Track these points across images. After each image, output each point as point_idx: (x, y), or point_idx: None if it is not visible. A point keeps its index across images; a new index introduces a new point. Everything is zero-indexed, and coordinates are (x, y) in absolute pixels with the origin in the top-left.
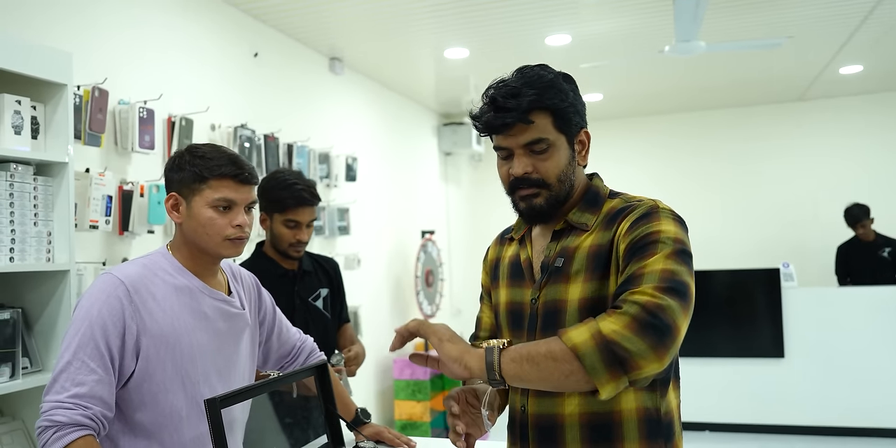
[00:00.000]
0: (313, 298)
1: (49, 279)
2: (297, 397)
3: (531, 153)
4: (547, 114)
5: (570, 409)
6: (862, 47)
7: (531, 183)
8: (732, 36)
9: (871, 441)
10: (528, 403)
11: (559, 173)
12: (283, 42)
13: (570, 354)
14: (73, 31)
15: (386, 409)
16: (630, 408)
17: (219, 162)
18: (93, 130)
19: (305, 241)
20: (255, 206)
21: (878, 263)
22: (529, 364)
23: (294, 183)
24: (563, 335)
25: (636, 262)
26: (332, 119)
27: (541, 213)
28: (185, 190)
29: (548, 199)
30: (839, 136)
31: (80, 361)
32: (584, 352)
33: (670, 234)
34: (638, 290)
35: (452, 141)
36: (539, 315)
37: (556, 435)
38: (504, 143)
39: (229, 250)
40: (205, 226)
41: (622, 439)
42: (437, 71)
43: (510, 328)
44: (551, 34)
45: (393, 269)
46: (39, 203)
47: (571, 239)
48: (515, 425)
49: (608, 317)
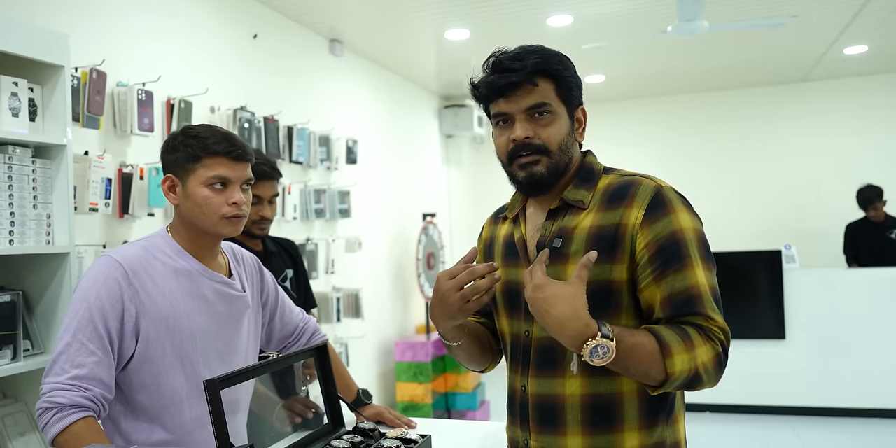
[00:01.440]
0: (281, 280)
1: (49, 262)
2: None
3: (533, 118)
4: (550, 80)
5: (571, 390)
6: (867, 27)
7: (532, 148)
8: (735, 15)
9: (872, 422)
10: (529, 384)
11: (560, 141)
12: (283, 23)
13: (663, 375)
14: (71, 13)
15: (388, 391)
16: (631, 389)
17: (212, 140)
18: (91, 113)
19: (269, 218)
20: (251, 183)
21: (886, 244)
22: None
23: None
24: (668, 358)
25: (679, 272)
26: (333, 101)
27: (541, 182)
28: (181, 171)
29: (548, 167)
30: (843, 117)
31: (80, 343)
32: (676, 379)
33: (692, 230)
34: (715, 320)
35: (454, 123)
36: None
37: (557, 415)
38: (505, 107)
39: (227, 228)
40: (201, 205)
41: (622, 420)
42: (437, 52)
43: (507, 308)
44: (553, 14)
45: (394, 252)
46: (38, 186)
47: (569, 218)
48: (515, 405)
49: (704, 344)
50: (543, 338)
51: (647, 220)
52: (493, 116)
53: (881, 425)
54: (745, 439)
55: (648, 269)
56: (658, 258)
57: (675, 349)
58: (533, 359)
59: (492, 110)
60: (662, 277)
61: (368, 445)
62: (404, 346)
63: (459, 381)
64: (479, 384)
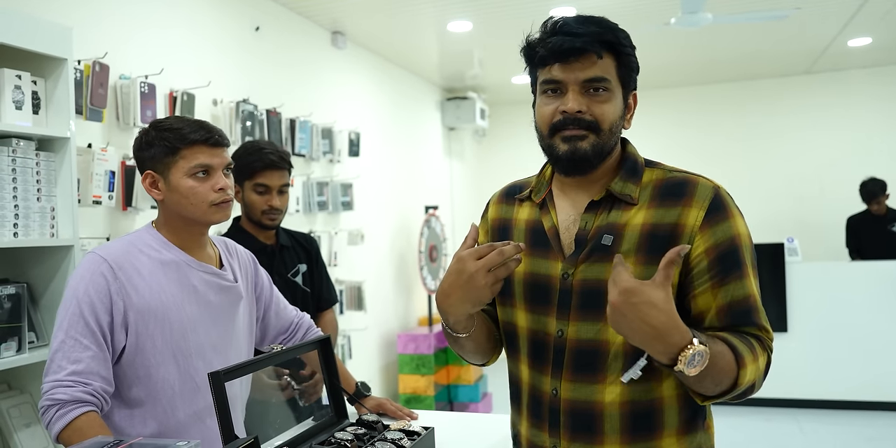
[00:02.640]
0: (292, 274)
1: (53, 254)
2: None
3: (588, 93)
4: (612, 56)
5: (611, 398)
6: (871, 19)
7: (582, 124)
8: (739, 7)
9: (875, 414)
10: (562, 388)
11: (613, 122)
12: (285, 16)
13: (730, 385)
14: (74, 5)
15: (390, 383)
16: (672, 395)
17: (188, 130)
18: (94, 105)
19: (279, 208)
20: (231, 168)
21: (888, 237)
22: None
23: (262, 148)
24: (742, 369)
25: (735, 281)
26: (335, 94)
27: (583, 160)
28: (160, 166)
29: (594, 146)
30: (846, 109)
31: (73, 339)
32: (736, 390)
33: (747, 236)
34: (769, 332)
35: (456, 115)
36: (575, 293)
37: (595, 423)
38: (560, 75)
39: (217, 215)
40: (187, 196)
41: (662, 427)
42: (440, 44)
43: (528, 302)
44: (556, 6)
45: (396, 245)
46: (42, 178)
47: (616, 213)
48: (542, 409)
49: (762, 355)
50: (584, 340)
51: (708, 223)
52: (541, 83)
53: (884, 418)
54: (747, 431)
55: (707, 275)
56: (718, 265)
57: (747, 360)
58: (568, 361)
59: (541, 76)
60: (721, 285)
61: (372, 437)
62: (407, 338)
63: (462, 374)
64: (482, 376)
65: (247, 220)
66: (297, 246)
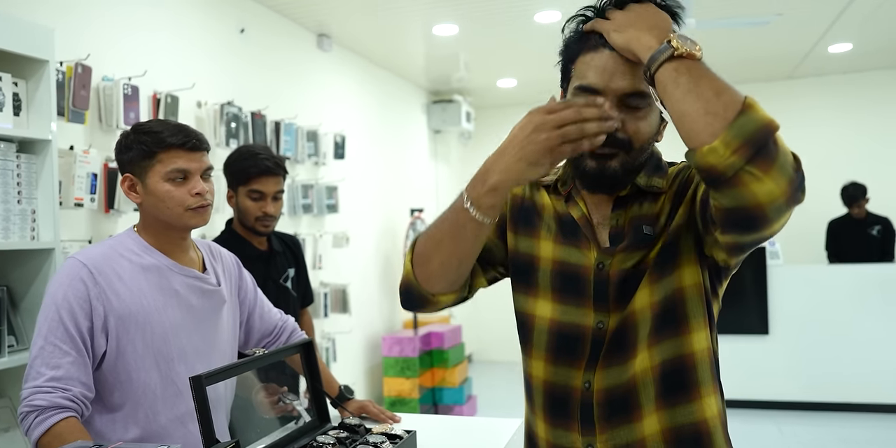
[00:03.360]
0: (283, 279)
1: (34, 257)
2: (281, 375)
3: (626, 107)
4: None
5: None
6: (852, 25)
7: (614, 142)
8: (723, 13)
9: (853, 415)
10: (596, 379)
11: (646, 139)
12: (270, 18)
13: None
14: (55, 6)
15: (374, 386)
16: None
17: (165, 134)
18: (76, 107)
19: (273, 215)
20: (211, 172)
21: (867, 241)
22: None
23: (258, 154)
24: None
25: None
26: (321, 96)
27: (612, 179)
28: (138, 169)
29: (623, 165)
30: (828, 114)
31: (52, 345)
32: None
33: None
34: None
35: (442, 118)
36: (612, 285)
37: (630, 399)
38: (600, 83)
39: (194, 219)
40: (164, 200)
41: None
42: (426, 48)
43: (557, 290)
44: (541, 11)
45: (382, 247)
46: (23, 181)
47: (650, 205)
48: (571, 407)
49: None
50: (619, 328)
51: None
52: (575, 88)
53: (861, 419)
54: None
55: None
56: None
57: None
58: (606, 352)
59: (575, 78)
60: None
61: (354, 441)
62: (392, 341)
63: (446, 376)
64: (467, 379)
65: (240, 226)
66: (287, 250)
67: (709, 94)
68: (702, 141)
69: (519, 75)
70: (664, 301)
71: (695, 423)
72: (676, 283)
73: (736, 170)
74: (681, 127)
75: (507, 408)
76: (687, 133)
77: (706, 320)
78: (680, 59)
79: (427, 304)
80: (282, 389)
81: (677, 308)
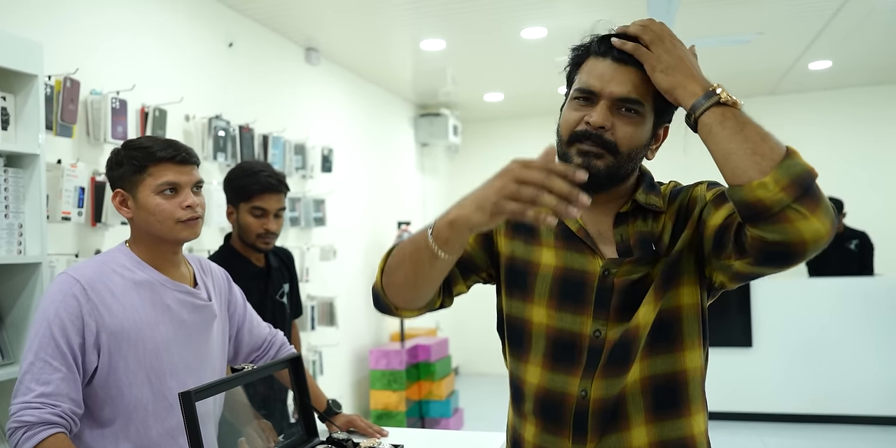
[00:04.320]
0: (279, 295)
1: (20, 272)
2: (269, 390)
3: (618, 111)
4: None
5: (632, 377)
6: (831, 43)
7: (601, 141)
8: (704, 31)
9: (837, 427)
10: (593, 387)
11: (633, 147)
12: (259, 32)
13: (781, 151)
14: (44, 21)
15: (361, 398)
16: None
17: (154, 148)
18: (64, 121)
19: (274, 232)
20: (202, 185)
21: (845, 255)
22: (734, 126)
23: (260, 170)
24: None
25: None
26: (308, 110)
27: (595, 177)
28: (128, 184)
29: (609, 167)
30: (809, 129)
31: (43, 361)
32: (796, 161)
33: None
34: None
35: (429, 132)
36: (616, 292)
37: (619, 409)
38: (598, 85)
39: (185, 232)
40: (154, 213)
41: (688, 401)
42: (413, 62)
43: (555, 296)
44: (527, 27)
45: (369, 260)
46: (10, 195)
47: (652, 223)
48: (565, 414)
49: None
50: (619, 338)
51: (710, 187)
52: (574, 89)
53: (844, 431)
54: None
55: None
56: (719, 196)
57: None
58: (604, 361)
59: (578, 80)
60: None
61: None
62: (378, 353)
63: (433, 389)
64: (453, 392)
65: (239, 242)
66: (282, 265)
67: (755, 137)
68: (750, 177)
69: (505, 89)
70: (663, 317)
71: (682, 439)
72: (676, 301)
73: (783, 206)
74: (726, 164)
75: (494, 421)
76: (732, 170)
77: (700, 339)
78: (725, 106)
79: (391, 313)
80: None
81: (674, 325)
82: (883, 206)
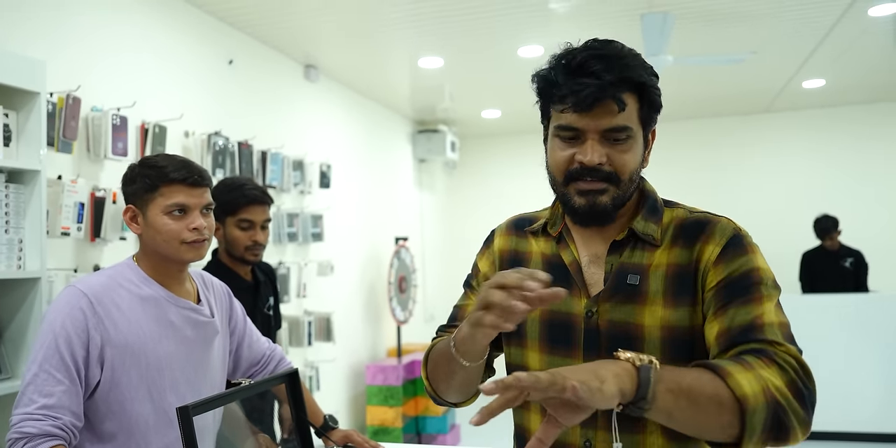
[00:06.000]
0: (267, 308)
1: (20, 286)
2: (266, 405)
3: (609, 141)
4: (635, 96)
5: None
6: (824, 62)
7: (601, 175)
8: (698, 50)
9: (831, 444)
10: (597, 439)
11: (633, 170)
12: (258, 49)
13: (736, 405)
14: (47, 39)
15: (358, 414)
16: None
17: (168, 168)
18: (66, 138)
19: (262, 243)
20: (212, 208)
21: (840, 273)
22: (687, 401)
23: (244, 184)
24: (729, 378)
25: (743, 305)
26: (307, 126)
27: (603, 214)
28: (139, 201)
29: (614, 198)
30: (804, 147)
31: (47, 373)
32: (754, 408)
33: (769, 274)
34: (781, 344)
35: (427, 148)
36: (602, 334)
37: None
38: (578, 123)
39: (190, 254)
40: (161, 233)
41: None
42: (411, 79)
43: (546, 341)
44: (524, 45)
45: (366, 276)
46: (11, 210)
47: (640, 253)
48: None
49: (766, 367)
50: None
51: (723, 257)
52: (556, 127)
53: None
54: None
55: (713, 303)
56: (725, 291)
57: (732, 369)
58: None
59: (555, 118)
60: (725, 310)
61: None
62: (375, 369)
63: (430, 405)
64: (450, 408)
65: (227, 256)
66: (267, 279)
67: (711, 407)
68: (726, 441)
69: (503, 106)
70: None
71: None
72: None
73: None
74: (700, 436)
75: (491, 436)
76: (709, 440)
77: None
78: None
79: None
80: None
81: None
82: (880, 223)
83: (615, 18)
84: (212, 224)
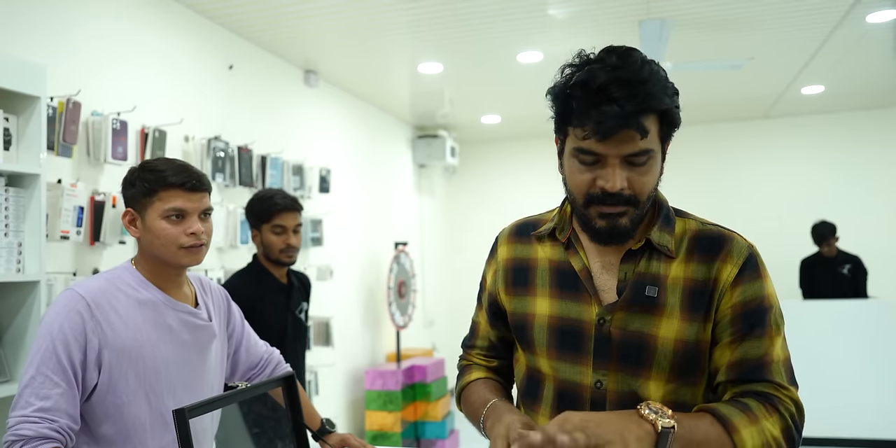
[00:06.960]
0: (298, 311)
1: (19, 290)
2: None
3: (630, 165)
4: (656, 119)
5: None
6: (822, 68)
7: (622, 200)
8: (696, 57)
9: None
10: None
11: (652, 189)
12: (258, 54)
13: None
14: (48, 44)
15: (357, 419)
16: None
17: (167, 173)
18: (66, 142)
19: (295, 246)
20: (211, 212)
21: (838, 279)
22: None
23: (275, 194)
24: (736, 434)
25: (757, 339)
26: (307, 131)
27: (623, 235)
28: (138, 205)
29: (633, 220)
30: (802, 153)
31: (44, 376)
32: None
33: (775, 297)
34: (785, 388)
35: (426, 153)
36: (614, 342)
37: None
38: (600, 149)
39: (187, 258)
40: (159, 237)
41: None
42: (411, 84)
43: (556, 348)
44: (523, 51)
45: (366, 280)
46: (10, 214)
47: (656, 264)
48: None
49: (769, 415)
50: (626, 392)
51: (740, 280)
52: (575, 149)
53: None
54: None
55: (729, 329)
56: (742, 321)
57: (738, 423)
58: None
59: (573, 139)
60: (741, 341)
61: None
62: (374, 374)
63: (429, 410)
64: (449, 413)
65: (265, 260)
66: (301, 286)
67: None
68: None
69: (502, 112)
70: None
71: None
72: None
73: None
74: None
75: None
76: None
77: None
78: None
79: None
80: None
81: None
82: (880, 229)
83: (614, 25)
84: (210, 229)
